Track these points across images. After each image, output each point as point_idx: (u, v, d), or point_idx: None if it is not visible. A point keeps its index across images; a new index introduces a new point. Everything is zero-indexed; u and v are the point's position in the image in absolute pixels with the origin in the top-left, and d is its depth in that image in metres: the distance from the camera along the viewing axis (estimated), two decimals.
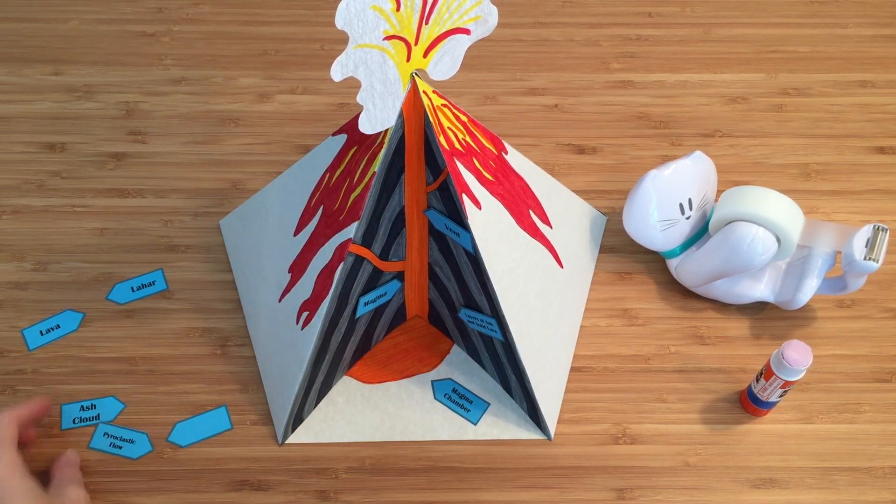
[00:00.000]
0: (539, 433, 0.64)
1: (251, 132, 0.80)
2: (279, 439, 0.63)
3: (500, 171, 0.61)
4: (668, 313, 0.70)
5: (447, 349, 0.68)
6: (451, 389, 0.66)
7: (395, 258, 0.62)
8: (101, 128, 0.80)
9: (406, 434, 0.64)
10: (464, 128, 0.58)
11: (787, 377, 0.59)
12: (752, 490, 0.62)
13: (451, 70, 0.54)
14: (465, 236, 0.58)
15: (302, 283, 0.61)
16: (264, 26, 0.88)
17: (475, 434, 0.64)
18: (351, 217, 0.56)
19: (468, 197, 0.56)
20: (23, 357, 0.67)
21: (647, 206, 0.67)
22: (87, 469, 0.62)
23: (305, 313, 0.60)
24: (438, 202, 0.59)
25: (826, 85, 0.84)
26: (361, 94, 0.50)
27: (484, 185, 0.58)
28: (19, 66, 0.84)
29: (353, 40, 0.48)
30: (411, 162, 0.56)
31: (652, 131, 0.81)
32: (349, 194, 0.57)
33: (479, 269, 0.59)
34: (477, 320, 0.63)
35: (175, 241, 0.73)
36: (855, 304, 0.70)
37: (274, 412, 0.64)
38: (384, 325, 0.67)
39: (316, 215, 0.60)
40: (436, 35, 0.52)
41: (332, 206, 0.59)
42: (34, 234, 0.73)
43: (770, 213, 0.64)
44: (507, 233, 0.60)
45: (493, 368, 0.66)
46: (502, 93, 0.83)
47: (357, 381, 0.66)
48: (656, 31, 0.88)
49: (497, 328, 0.61)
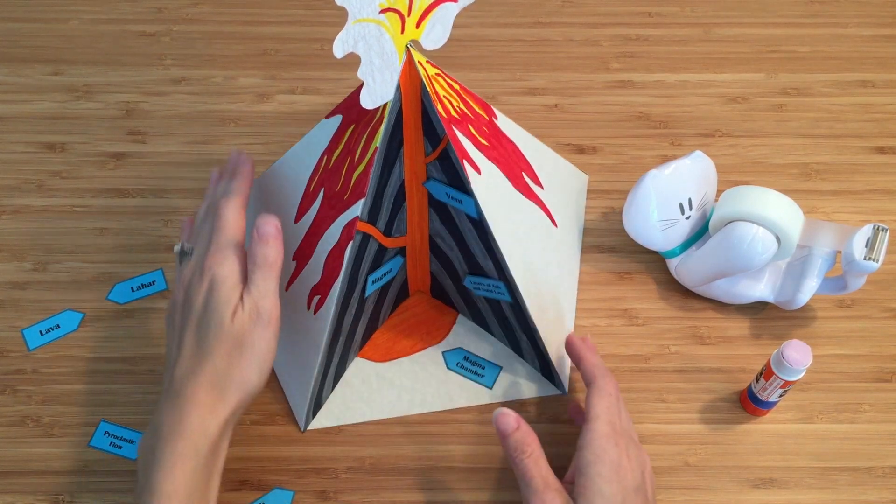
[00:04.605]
0: (554, 389, 0.65)
1: (251, 132, 0.80)
2: (301, 426, 0.63)
3: (492, 135, 0.62)
4: (668, 313, 0.70)
5: (452, 320, 0.69)
6: (462, 358, 0.67)
7: (397, 234, 0.63)
8: (101, 128, 0.80)
9: (425, 406, 0.65)
10: (457, 96, 0.59)
11: (786, 377, 0.59)
12: (752, 490, 0.62)
13: (443, 38, 0.54)
14: (468, 202, 0.58)
15: (309, 269, 0.60)
16: (264, 26, 0.88)
17: (492, 397, 0.65)
18: (356, 195, 0.56)
19: (468, 163, 0.56)
20: (23, 357, 0.67)
21: (647, 205, 0.67)
22: (87, 469, 0.62)
23: (316, 297, 0.59)
24: (439, 172, 0.59)
25: (826, 85, 0.84)
26: (362, 69, 0.51)
27: (481, 150, 0.59)
28: (19, 66, 0.84)
29: (352, 15, 0.48)
30: (409, 134, 0.57)
31: (652, 131, 0.81)
32: (351, 173, 0.57)
33: (485, 234, 0.59)
34: (483, 286, 0.64)
35: (175, 241, 0.73)
36: (855, 304, 0.70)
37: (292, 400, 0.64)
38: (390, 302, 0.68)
39: (317, 199, 0.60)
40: (427, 4, 0.52)
41: (333, 187, 0.59)
42: (34, 234, 0.73)
43: (770, 212, 0.64)
44: (506, 195, 0.61)
45: (502, 332, 0.66)
46: (502, 93, 0.83)
47: (369, 360, 0.67)
48: (656, 31, 0.88)
49: (505, 290, 0.62)
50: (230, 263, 0.54)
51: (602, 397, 0.55)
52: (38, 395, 0.65)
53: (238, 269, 0.54)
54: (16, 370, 0.66)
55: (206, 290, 0.53)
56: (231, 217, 0.56)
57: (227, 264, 0.54)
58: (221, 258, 0.54)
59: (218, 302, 0.53)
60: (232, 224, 0.55)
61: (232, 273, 0.53)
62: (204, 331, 0.53)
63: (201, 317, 0.53)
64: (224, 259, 0.54)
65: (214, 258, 0.54)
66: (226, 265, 0.54)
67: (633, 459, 0.53)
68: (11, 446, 0.63)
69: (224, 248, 0.54)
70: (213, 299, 0.53)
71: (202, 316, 0.53)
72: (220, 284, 0.53)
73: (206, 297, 0.53)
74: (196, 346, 0.53)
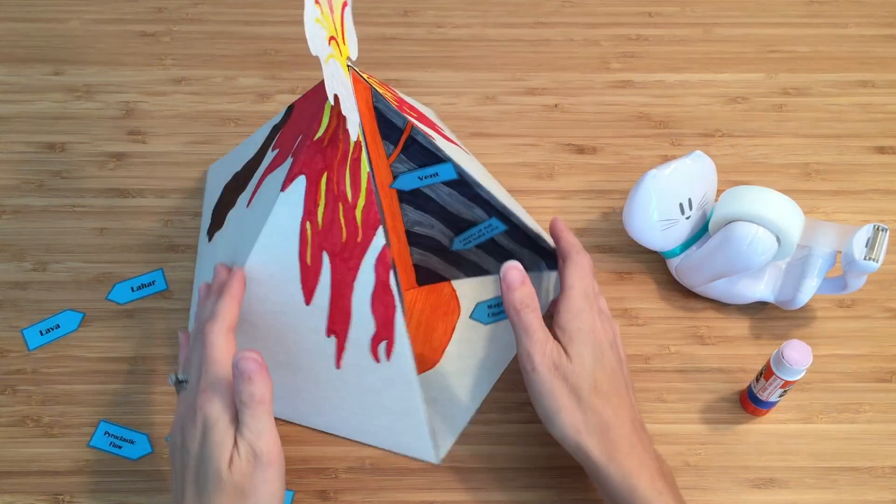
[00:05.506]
0: None
1: (251, 132, 0.80)
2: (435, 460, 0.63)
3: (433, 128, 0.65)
4: (668, 313, 0.70)
5: (451, 289, 0.70)
6: (487, 307, 0.68)
7: None
8: (101, 128, 0.80)
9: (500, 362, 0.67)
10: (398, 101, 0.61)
11: (787, 377, 0.59)
12: (752, 490, 0.62)
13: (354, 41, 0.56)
14: (445, 168, 0.61)
15: (356, 328, 0.58)
16: (264, 26, 0.88)
17: None
18: (370, 228, 0.55)
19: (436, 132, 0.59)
20: (23, 357, 0.67)
21: (647, 205, 0.67)
22: (87, 469, 0.62)
23: (382, 345, 0.58)
24: (405, 163, 0.61)
25: (826, 85, 0.84)
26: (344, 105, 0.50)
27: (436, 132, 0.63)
28: (19, 66, 0.84)
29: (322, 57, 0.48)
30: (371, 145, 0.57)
31: (652, 131, 0.81)
32: (352, 214, 0.55)
33: (466, 186, 0.63)
34: (475, 235, 0.66)
35: (175, 241, 0.73)
36: (855, 304, 0.70)
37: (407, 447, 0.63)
38: None
39: (322, 267, 0.57)
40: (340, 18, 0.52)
41: (338, 241, 0.56)
42: (34, 234, 0.73)
43: (770, 212, 0.64)
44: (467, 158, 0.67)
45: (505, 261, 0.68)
46: (502, 93, 0.83)
47: (424, 372, 0.66)
48: (656, 31, 0.88)
49: (498, 222, 0.65)
50: (220, 401, 0.50)
51: (577, 269, 0.60)
52: (38, 395, 0.65)
53: (230, 404, 0.51)
54: (16, 370, 0.66)
55: (199, 434, 0.50)
56: (218, 345, 0.52)
57: (216, 402, 0.50)
58: (211, 395, 0.51)
59: (212, 449, 0.50)
60: (219, 354, 0.52)
61: (223, 412, 0.50)
62: (203, 481, 0.50)
63: (198, 465, 0.50)
64: (213, 396, 0.50)
65: (204, 395, 0.51)
66: (216, 403, 0.50)
67: (606, 322, 0.59)
68: (11, 446, 0.63)
69: (213, 383, 0.51)
70: (207, 444, 0.50)
71: (199, 464, 0.50)
72: (213, 427, 0.50)
73: (200, 441, 0.50)
74: (196, 496, 0.50)
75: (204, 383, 0.51)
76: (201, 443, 0.50)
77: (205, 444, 0.50)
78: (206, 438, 0.50)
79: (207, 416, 0.50)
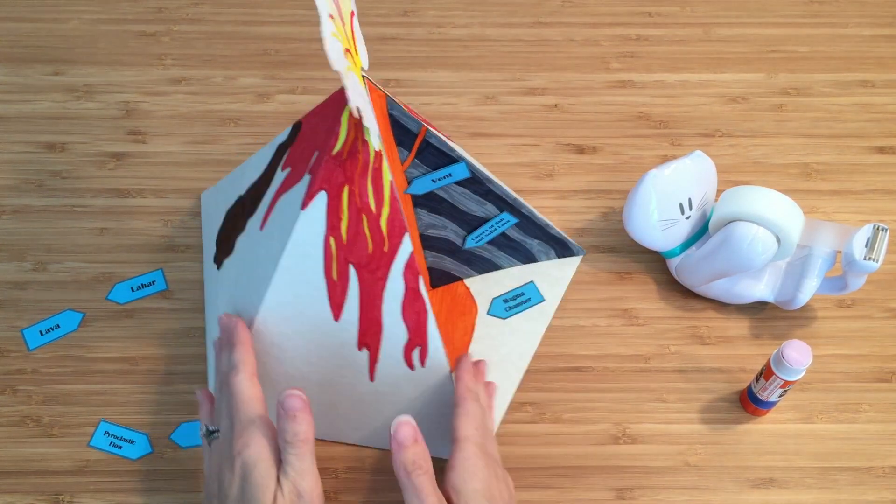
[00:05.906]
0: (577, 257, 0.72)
1: (251, 132, 0.80)
2: None
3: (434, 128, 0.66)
4: (668, 313, 0.70)
5: (465, 288, 0.70)
6: (503, 301, 0.69)
7: None
8: (101, 128, 0.80)
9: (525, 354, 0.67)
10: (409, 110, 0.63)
11: (786, 377, 0.59)
12: (752, 490, 0.62)
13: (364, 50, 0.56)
14: (458, 168, 0.62)
15: (388, 338, 0.58)
16: (264, 26, 0.88)
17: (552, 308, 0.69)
18: (396, 236, 0.55)
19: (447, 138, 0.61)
20: (23, 357, 0.67)
21: (647, 205, 0.67)
22: (87, 469, 0.62)
23: (415, 351, 0.58)
24: (420, 167, 0.61)
25: (826, 85, 0.84)
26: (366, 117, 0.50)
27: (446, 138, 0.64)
28: (19, 66, 0.84)
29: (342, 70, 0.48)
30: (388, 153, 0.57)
31: (652, 131, 0.81)
32: (377, 224, 0.55)
33: (479, 183, 0.64)
34: (487, 231, 0.67)
35: (175, 241, 0.73)
36: (855, 304, 0.70)
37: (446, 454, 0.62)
38: None
39: (349, 281, 0.56)
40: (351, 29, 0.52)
41: (364, 253, 0.55)
42: (34, 234, 0.73)
43: (770, 212, 0.64)
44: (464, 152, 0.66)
45: (512, 256, 0.70)
46: (502, 93, 0.83)
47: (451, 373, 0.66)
48: (656, 31, 0.88)
49: (509, 216, 0.67)
50: (258, 443, 0.50)
51: (469, 420, 0.55)
52: (38, 395, 0.65)
53: (268, 446, 0.50)
54: (16, 370, 0.66)
55: (239, 478, 0.50)
56: (245, 391, 0.52)
57: (254, 445, 0.50)
58: (248, 439, 0.50)
59: (254, 490, 0.49)
60: (248, 399, 0.52)
61: (263, 453, 0.50)
62: None
63: None
64: (250, 438, 0.50)
65: (241, 440, 0.50)
66: (253, 446, 0.50)
67: (501, 480, 0.55)
68: (11, 446, 0.63)
69: (248, 426, 0.51)
70: (248, 486, 0.49)
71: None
72: (253, 469, 0.49)
73: (240, 485, 0.50)
74: None
75: (238, 428, 0.51)
76: (240, 486, 0.50)
77: (245, 487, 0.49)
78: (247, 481, 0.49)
79: (247, 459, 0.50)
